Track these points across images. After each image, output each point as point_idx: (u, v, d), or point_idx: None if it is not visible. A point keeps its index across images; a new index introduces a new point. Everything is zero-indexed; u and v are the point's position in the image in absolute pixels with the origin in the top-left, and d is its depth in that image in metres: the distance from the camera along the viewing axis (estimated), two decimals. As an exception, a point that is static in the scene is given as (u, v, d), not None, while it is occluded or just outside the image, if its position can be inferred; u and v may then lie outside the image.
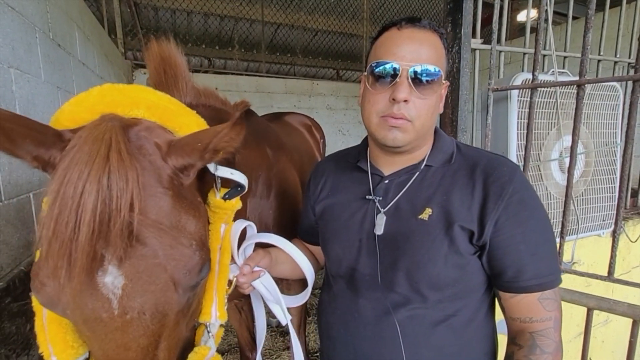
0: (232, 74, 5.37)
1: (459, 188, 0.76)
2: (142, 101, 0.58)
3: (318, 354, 2.52)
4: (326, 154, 2.44)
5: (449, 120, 1.33)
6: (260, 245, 0.88)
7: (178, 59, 0.76)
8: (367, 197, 0.84)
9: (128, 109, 0.56)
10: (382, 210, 0.80)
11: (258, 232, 0.87)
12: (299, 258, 0.88)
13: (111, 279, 0.46)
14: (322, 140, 2.68)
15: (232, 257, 0.74)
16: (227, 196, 0.67)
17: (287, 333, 2.81)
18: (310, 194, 0.99)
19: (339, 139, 5.91)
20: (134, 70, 4.45)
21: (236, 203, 0.68)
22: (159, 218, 0.50)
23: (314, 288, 0.97)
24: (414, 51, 0.71)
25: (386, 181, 0.83)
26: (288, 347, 2.65)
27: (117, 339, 0.48)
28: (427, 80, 0.71)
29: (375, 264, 0.79)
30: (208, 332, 0.63)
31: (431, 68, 0.70)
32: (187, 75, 0.81)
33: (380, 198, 0.82)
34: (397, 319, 0.76)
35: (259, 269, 0.84)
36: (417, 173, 0.81)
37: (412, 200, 0.79)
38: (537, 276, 0.71)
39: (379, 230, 0.79)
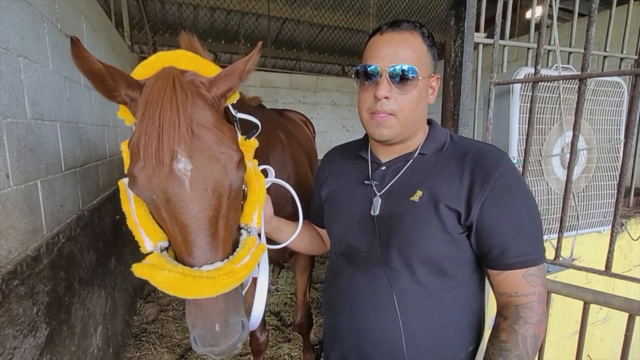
0: (238, 68, 5.36)
1: (449, 173, 0.84)
2: (182, 58, 0.80)
3: (317, 346, 2.55)
4: (319, 150, 2.69)
5: (450, 114, 1.34)
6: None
7: (200, 50, 0.93)
8: (365, 182, 0.94)
9: (175, 63, 0.78)
10: (378, 194, 0.90)
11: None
12: (298, 201, 1.02)
13: (183, 165, 0.66)
14: (314, 135, 3.05)
15: None
16: (247, 137, 0.87)
17: (287, 326, 2.85)
18: (318, 180, 1.10)
19: (343, 134, 5.91)
20: (141, 64, 4.47)
21: (254, 142, 0.88)
22: (209, 124, 0.70)
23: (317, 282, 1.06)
24: (392, 53, 0.80)
25: (383, 168, 0.93)
26: (289, 340, 2.68)
27: (190, 210, 0.67)
28: (404, 78, 0.79)
29: (372, 242, 0.88)
30: (248, 232, 0.81)
31: (407, 66, 0.79)
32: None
33: (377, 182, 0.92)
34: (392, 290, 0.84)
35: None
36: (411, 160, 0.90)
37: (405, 184, 0.88)
38: (521, 254, 0.78)
39: (375, 211, 0.88)
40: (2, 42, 1.20)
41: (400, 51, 0.80)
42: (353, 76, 0.88)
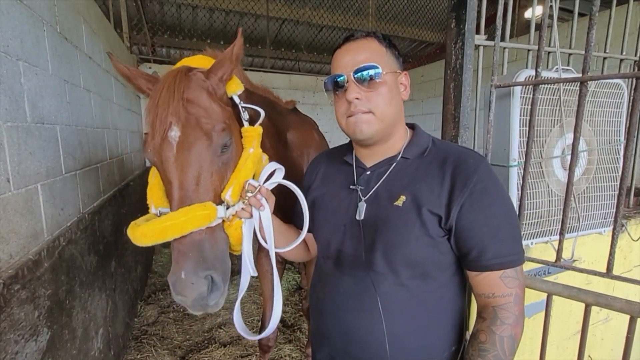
0: (237, 69, 5.34)
1: (430, 177, 0.86)
2: (194, 59, 1.01)
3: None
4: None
5: (451, 116, 1.34)
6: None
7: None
8: (351, 187, 0.97)
9: (189, 63, 0.98)
10: (363, 199, 0.93)
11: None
12: (304, 206, 1.00)
13: (173, 133, 0.83)
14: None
15: (257, 178, 1.00)
16: (252, 123, 1.01)
17: (288, 327, 2.85)
18: (305, 185, 1.12)
19: (342, 135, 5.87)
20: (139, 65, 4.47)
21: (258, 129, 0.99)
22: (199, 102, 0.87)
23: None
24: (352, 59, 0.87)
25: (368, 172, 0.95)
26: (290, 341, 2.68)
27: (177, 168, 0.83)
28: (370, 76, 0.84)
29: (358, 246, 0.90)
30: (226, 207, 0.91)
31: (369, 65, 0.84)
32: (239, 71, 1.21)
33: (362, 187, 0.94)
34: (376, 293, 0.87)
35: (264, 203, 0.95)
36: (394, 164, 0.92)
37: (389, 188, 0.90)
38: (498, 256, 0.80)
39: (360, 215, 0.91)
40: (2, 46, 1.20)
41: (358, 55, 0.86)
42: (324, 90, 0.94)
